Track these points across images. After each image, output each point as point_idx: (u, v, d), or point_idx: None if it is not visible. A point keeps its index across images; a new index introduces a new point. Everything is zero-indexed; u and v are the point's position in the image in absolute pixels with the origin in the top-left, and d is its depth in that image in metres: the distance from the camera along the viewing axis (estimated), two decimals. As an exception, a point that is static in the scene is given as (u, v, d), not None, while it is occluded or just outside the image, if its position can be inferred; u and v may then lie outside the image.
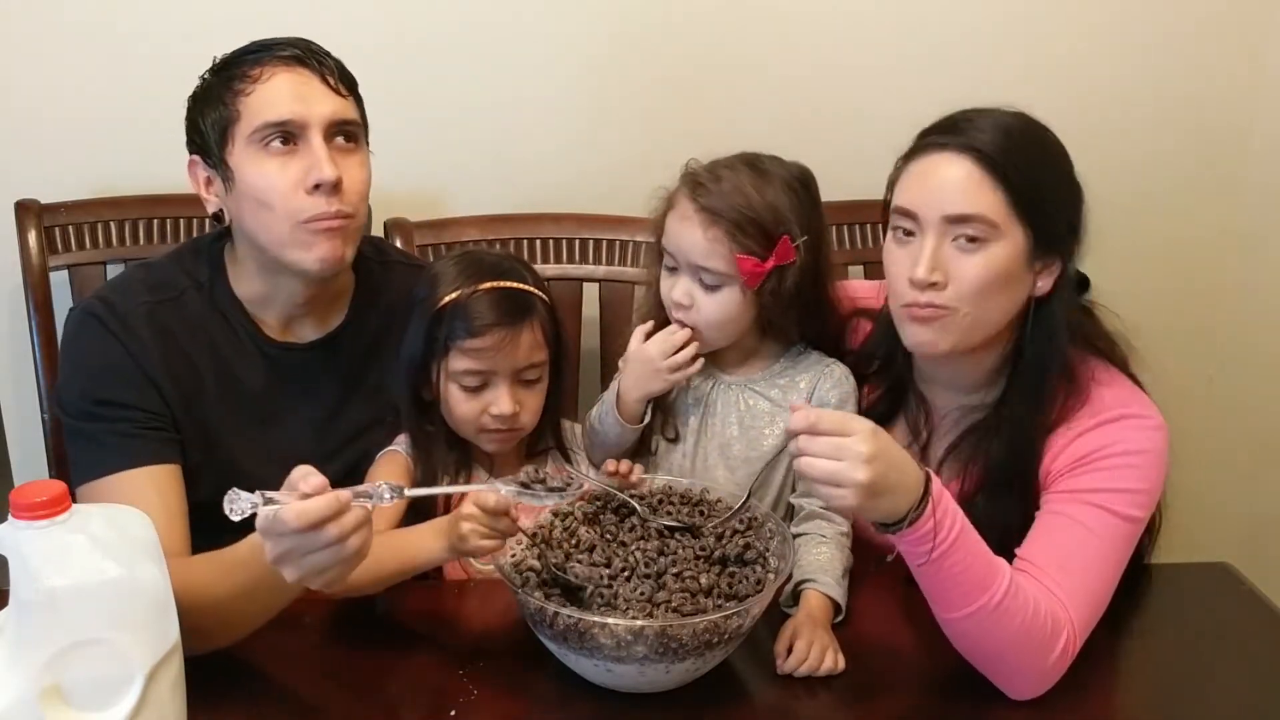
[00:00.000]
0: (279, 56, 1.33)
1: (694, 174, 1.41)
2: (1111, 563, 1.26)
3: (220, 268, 1.42)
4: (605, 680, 1.18)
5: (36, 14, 1.82)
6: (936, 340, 1.31)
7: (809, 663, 1.23)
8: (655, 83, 1.98)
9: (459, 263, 1.43)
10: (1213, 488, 2.30)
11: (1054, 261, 1.31)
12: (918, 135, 1.34)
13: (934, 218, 1.27)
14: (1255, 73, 2.09)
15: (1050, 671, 1.20)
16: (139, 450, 1.31)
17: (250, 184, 1.32)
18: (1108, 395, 1.32)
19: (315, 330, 1.45)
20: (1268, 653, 1.34)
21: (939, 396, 1.43)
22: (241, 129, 1.32)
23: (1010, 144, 1.27)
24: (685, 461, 1.48)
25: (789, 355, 1.48)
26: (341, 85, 1.35)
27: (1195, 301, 2.21)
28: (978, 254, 1.27)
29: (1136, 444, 1.29)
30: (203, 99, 1.36)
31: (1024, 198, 1.26)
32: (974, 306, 1.28)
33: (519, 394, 1.39)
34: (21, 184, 1.82)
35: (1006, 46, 2.03)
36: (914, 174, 1.31)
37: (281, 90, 1.32)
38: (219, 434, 1.39)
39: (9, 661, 0.94)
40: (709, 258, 1.37)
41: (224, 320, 1.41)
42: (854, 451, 1.07)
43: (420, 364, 1.39)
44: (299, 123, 1.31)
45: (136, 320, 1.35)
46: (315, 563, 1.05)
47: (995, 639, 1.17)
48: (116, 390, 1.33)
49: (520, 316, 1.37)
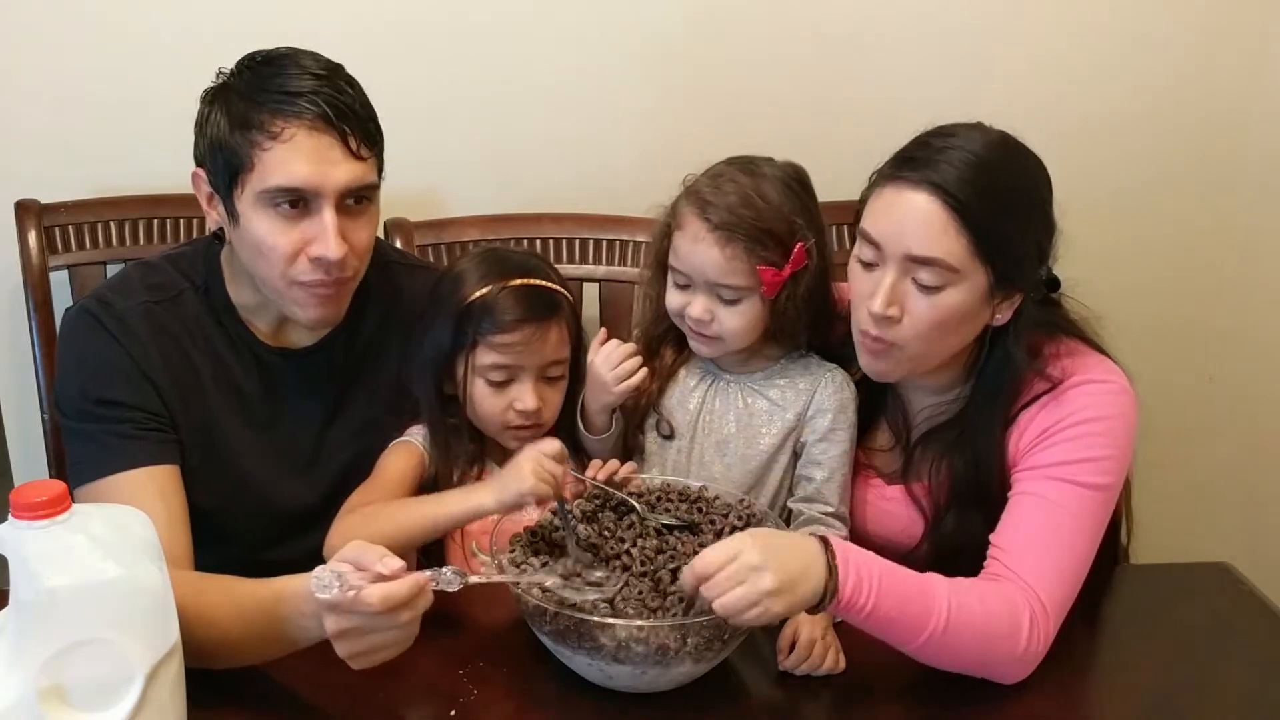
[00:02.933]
0: (305, 115, 1.25)
1: (698, 191, 1.38)
2: (1084, 535, 1.26)
3: (216, 271, 1.41)
4: (605, 680, 1.18)
5: (37, 14, 1.82)
6: (888, 370, 1.34)
7: (810, 661, 1.23)
8: (655, 82, 1.98)
9: (485, 260, 1.43)
10: (1213, 488, 2.30)
11: (1015, 294, 1.30)
12: (892, 158, 1.31)
13: (896, 253, 1.26)
14: (1256, 73, 2.09)
15: (1028, 654, 1.21)
16: (139, 451, 1.31)
17: (252, 234, 1.29)
18: (1065, 365, 1.33)
19: (309, 336, 1.44)
20: (1268, 653, 1.34)
21: (912, 396, 1.44)
22: (253, 182, 1.27)
23: (981, 182, 1.24)
24: (681, 458, 1.48)
25: (789, 356, 1.48)
26: (363, 146, 1.29)
27: (1195, 301, 2.21)
28: (935, 295, 1.26)
29: (1096, 410, 1.29)
30: (217, 130, 1.29)
31: (988, 242, 1.25)
32: (926, 345, 1.30)
33: (543, 391, 1.41)
34: (21, 184, 1.82)
35: (1007, 46, 2.03)
36: (881, 203, 1.29)
37: (300, 155, 1.25)
38: (217, 435, 1.39)
39: (9, 661, 0.94)
40: (728, 275, 1.37)
41: (219, 323, 1.41)
42: (747, 566, 1.10)
43: (446, 359, 1.40)
44: (312, 191, 1.27)
45: (134, 320, 1.35)
46: (376, 642, 1.06)
47: (958, 652, 1.20)
48: (115, 390, 1.32)
49: (548, 313, 1.39)
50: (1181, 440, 2.25)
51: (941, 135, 1.29)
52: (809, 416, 1.44)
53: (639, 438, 1.49)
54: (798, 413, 1.44)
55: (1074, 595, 1.25)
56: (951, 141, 1.27)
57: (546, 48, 1.94)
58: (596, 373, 1.42)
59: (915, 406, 1.44)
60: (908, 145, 1.31)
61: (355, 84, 1.32)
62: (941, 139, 1.28)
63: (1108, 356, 1.36)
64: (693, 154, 1.45)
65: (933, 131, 1.31)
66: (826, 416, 1.44)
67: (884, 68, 2.00)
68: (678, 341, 1.50)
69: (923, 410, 1.43)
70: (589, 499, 1.35)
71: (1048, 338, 1.35)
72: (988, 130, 1.31)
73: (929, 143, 1.29)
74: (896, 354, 1.31)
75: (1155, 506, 2.04)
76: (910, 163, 1.28)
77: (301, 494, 1.44)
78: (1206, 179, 2.14)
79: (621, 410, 1.46)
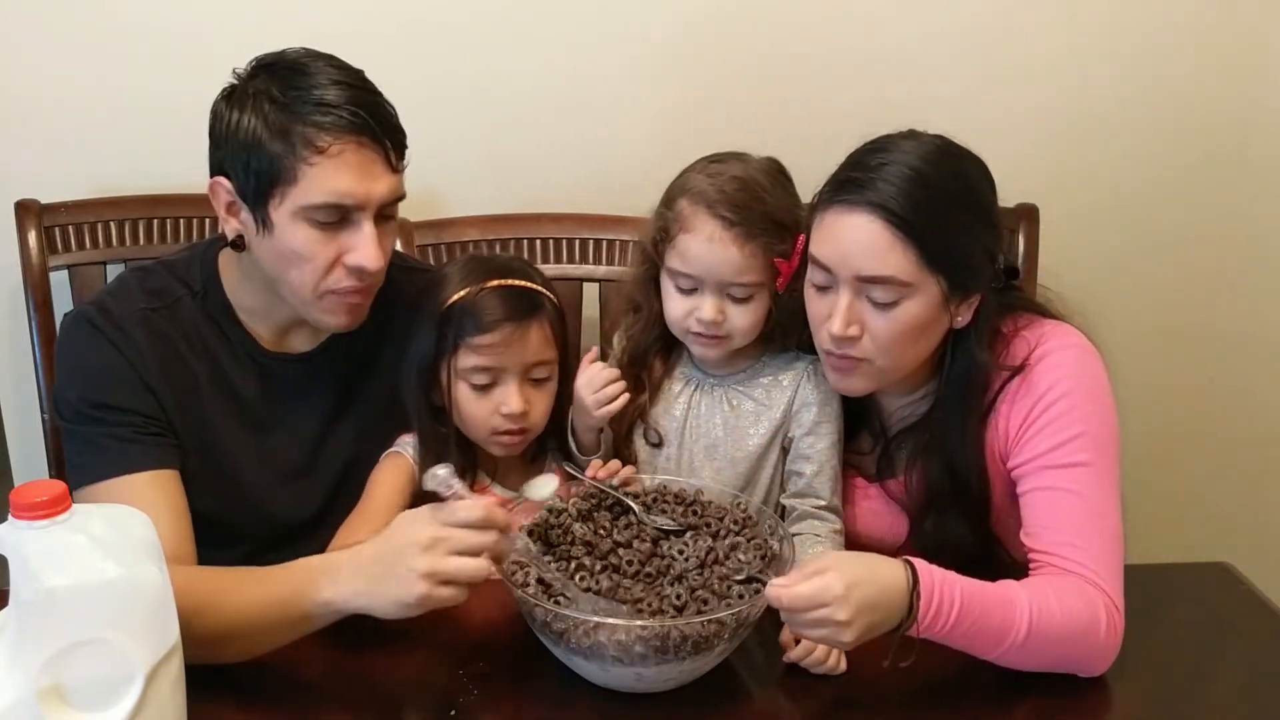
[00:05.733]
0: (352, 128, 1.25)
1: (701, 191, 1.37)
2: (1108, 509, 1.27)
3: (215, 275, 1.41)
4: (605, 680, 1.18)
5: (37, 14, 1.82)
6: (858, 386, 1.35)
7: (816, 654, 1.23)
8: (655, 83, 1.98)
9: (465, 265, 1.43)
10: (1213, 488, 2.30)
11: (971, 296, 1.31)
12: (829, 180, 1.31)
13: (847, 275, 1.27)
14: (1256, 73, 2.08)
15: (1107, 645, 1.22)
16: (140, 455, 1.31)
17: (287, 244, 1.28)
18: (1026, 338, 1.34)
19: (308, 340, 1.44)
20: (1267, 653, 1.34)
21: (884, 400, 1.45)
22: (295, 195, 1.26)
23: (920, 196, 1.24)
24: (670, 464, 1.48)
25: (769, 353, 1.48)
26: (399, 160, 1.30)
27: (1195, 302, 2.21)
28: (892, 310, 1.27)
29: (1067, 381, 1.30)
30: (249, 138, 1.26)
31: (936, 251, 1.25)
32: (890, 359, 1.31)
33: (528, 393, 1.39)
34: (21, 184, 1.82)
35: (1006, 46, 2.03)
36: (825, 228, 1.29)
37: (348, 170, 1.25)
38: (215, 440, 1.39)
39: (9, 661, 0.94)
40: (744, 273, 1.36)
41: (218, 328, 1.40)
42: (833, 620, 1.10)
43: (430, 364, 1.39)
44: (356, 205, 1.27)
45: (132, 326, 1.34)
46: (453, 567, 1.11)
47: (1042, 655, 1.20)
48: (114, 395, 1.32)
49: (529, 313, 1.38)
50: (1181, 440, 2.25)
51: (876, 151, 1.28)
52: (794, 411, 1.45)
53: (630, 448, 1.49)
54: (783, 408, 1.45)
55: (1122, 573, 1.25)
56: (886, 157, 1.27)
57: (546, 48, 1.94)
58: (578, 396, 1.41)
59: (889, 409, 1.45)
60: (843, 165, 1.31)
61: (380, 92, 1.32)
62: (877, 155, 1.28)
63: (1055, 317, 1.37)
64: (693, 154, 1.45)
65: (866, 148, 1.30)
66: (812, 410, 1.44)
67: (884, 68, 2.00)
68: (665, 350, 1.50)
69: (896, 412, 1.44)
70: (585, 497, 1.35)
71: (1004, 318, 1.35)
72: (922, 138, 1.30)
73: (863, 161, 1.28)
74: (865, 369, 1.32)
75: (1155, 506, 2.04)
76: (847, 184, 1.28)
77: (299, 498, 1.44)
78: (1207, 179, 2.14)
79: (610, 422, 1.45)
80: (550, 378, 1.42)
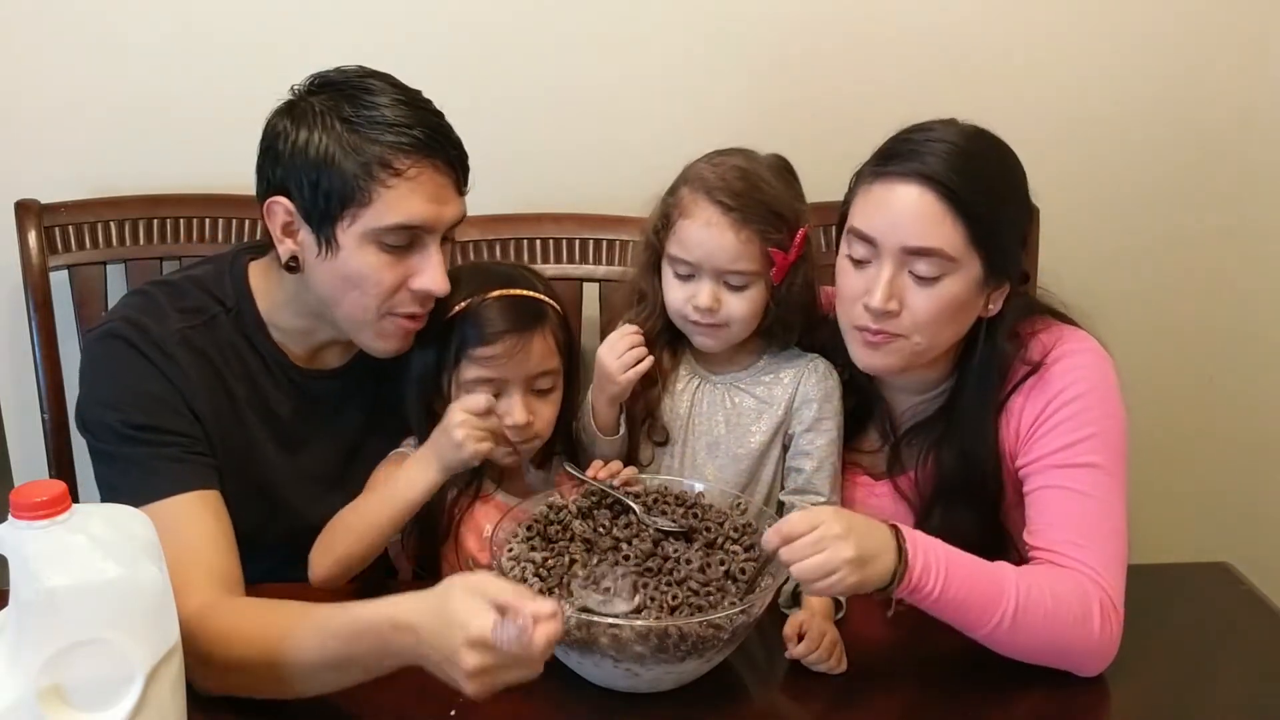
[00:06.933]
0: (429, 151, 1.25)
1: (702, 178, 1.38)
2: (1113, 513, 1.28)
3: (246, 292, 1.38)
4: (605, 680, 1.19)
5: (37, 14, 1.82)
6: (887, 364, 1.34)
7: (819, 652, 1.23)
8: (655, 82, 1.98)
9: (466, 274, 1.41)
10: (1212, 487, 2.30)
11: (1004, 284, 1.32)
12: (873, 155, 1.32)
13: (893, 247, 1.27)
14: (1256, 73, 2.08)
15: (1101, 642, 1.22)
16: (189, 475, 1.28)
17: (354, 268, 1.27)
18: (1043, 340, 1.34)
19: (339, 357, 1.44)
20: (1268, 653, 1.34)
21: (896, 397, 1.45)
22: (369, 217, 1.25)
23: (969, 171, 1.26)
24: (674, 462, 1.48)
25: (770, 351, 1.48)
26: (464, 181, 1.31)
27: (1195, 301, 2.20)
28: (933, 286, 1.27)
29: (1081, 384, 1.31)
30: (319, 157, 1.24)
31: (982, 230, 1.26)
32: (926, 336, 1.30)
33: (532, 403, 1.38)
34: (21, 184, 1.82)
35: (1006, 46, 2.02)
36: (872, 199, 1.29)
37: (423, 194, 1.25)
38: (250, 458, 1.38)
39: (9, 661, 0.94)
40: (739, 260, 1.37)
41: (251, 346, 1.38)
42: (830, 534, 1.12)
43: (432, 376, 1.38)
44: (427, 229, 1.27)
45: (172, 345, 1.31)
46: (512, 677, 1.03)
47: (1031, 638, 1.20)
48: (158, 416, 1.28)
49: (532, 323, 1.36)
50: (1181, 440, 2.25)
51: (920, 130, 1.31)
52: (795, 407, 1.45)
53: (640, 450, 1.49)
54: (784, 405, 1.45)
55: (1124, 576, 1.26)
56: (932, 134, 1.29)
57: (546, 49, 1.94)
58: (601, 362, 1.40)
59: (899, 407, 1.45)
60: (888, 142, 1.32)
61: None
62: (921, 133, 1.30)
63: (1072, 324, 1.38)
64: (693, 154, 1.45)
65: (910, 129, 1.32)
66: (812, 406, 1.44)
67: (884, 68, 2.00)
68: (672, 344, 1.50)
69: (906, 410, 1.44)
70: (586, 495, 1.35)
71: (1024, 319, 1.36)
72: (962, 124, 1.32)
73: (909, 138, 1.30)
74: (899, 345, 1.31)
75: (1155, 506, 2.04)
76: (895, 158, 1.29)
77: (333, 509, 1.39)
78: (1206, 179, 2.14)
79: (628, 417, 1.45)
80: (555, 387, 1.41)
